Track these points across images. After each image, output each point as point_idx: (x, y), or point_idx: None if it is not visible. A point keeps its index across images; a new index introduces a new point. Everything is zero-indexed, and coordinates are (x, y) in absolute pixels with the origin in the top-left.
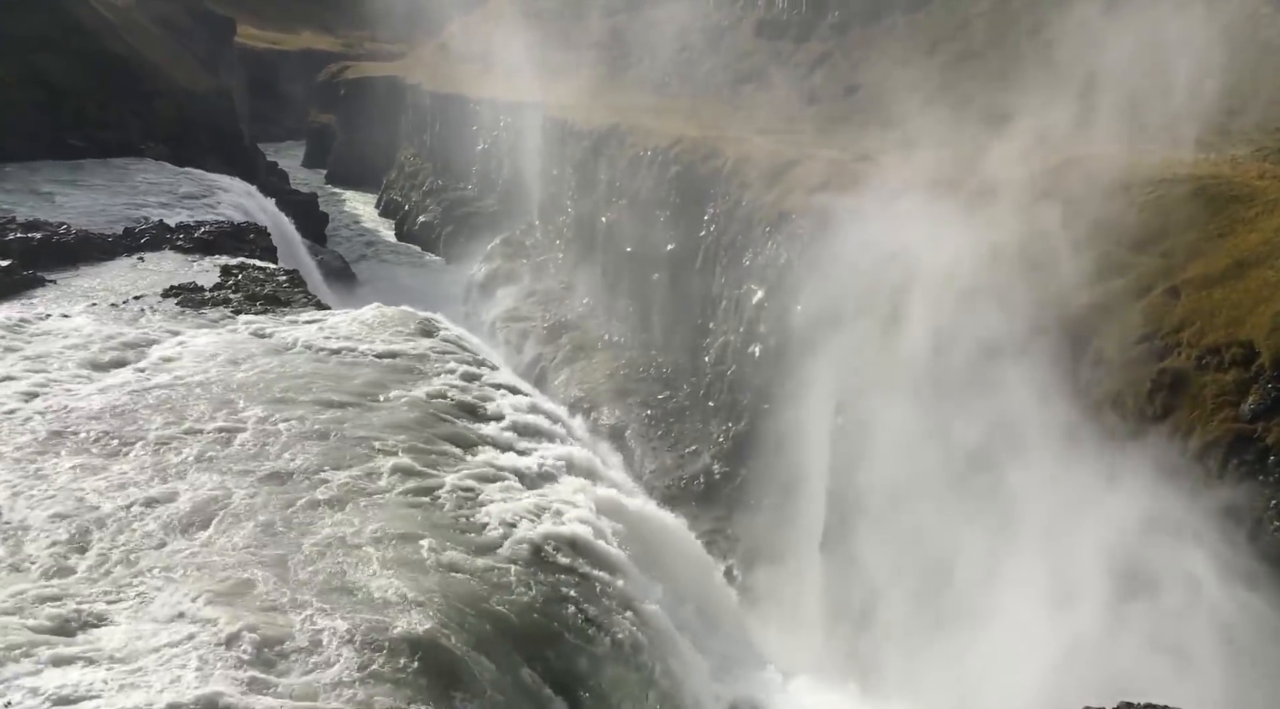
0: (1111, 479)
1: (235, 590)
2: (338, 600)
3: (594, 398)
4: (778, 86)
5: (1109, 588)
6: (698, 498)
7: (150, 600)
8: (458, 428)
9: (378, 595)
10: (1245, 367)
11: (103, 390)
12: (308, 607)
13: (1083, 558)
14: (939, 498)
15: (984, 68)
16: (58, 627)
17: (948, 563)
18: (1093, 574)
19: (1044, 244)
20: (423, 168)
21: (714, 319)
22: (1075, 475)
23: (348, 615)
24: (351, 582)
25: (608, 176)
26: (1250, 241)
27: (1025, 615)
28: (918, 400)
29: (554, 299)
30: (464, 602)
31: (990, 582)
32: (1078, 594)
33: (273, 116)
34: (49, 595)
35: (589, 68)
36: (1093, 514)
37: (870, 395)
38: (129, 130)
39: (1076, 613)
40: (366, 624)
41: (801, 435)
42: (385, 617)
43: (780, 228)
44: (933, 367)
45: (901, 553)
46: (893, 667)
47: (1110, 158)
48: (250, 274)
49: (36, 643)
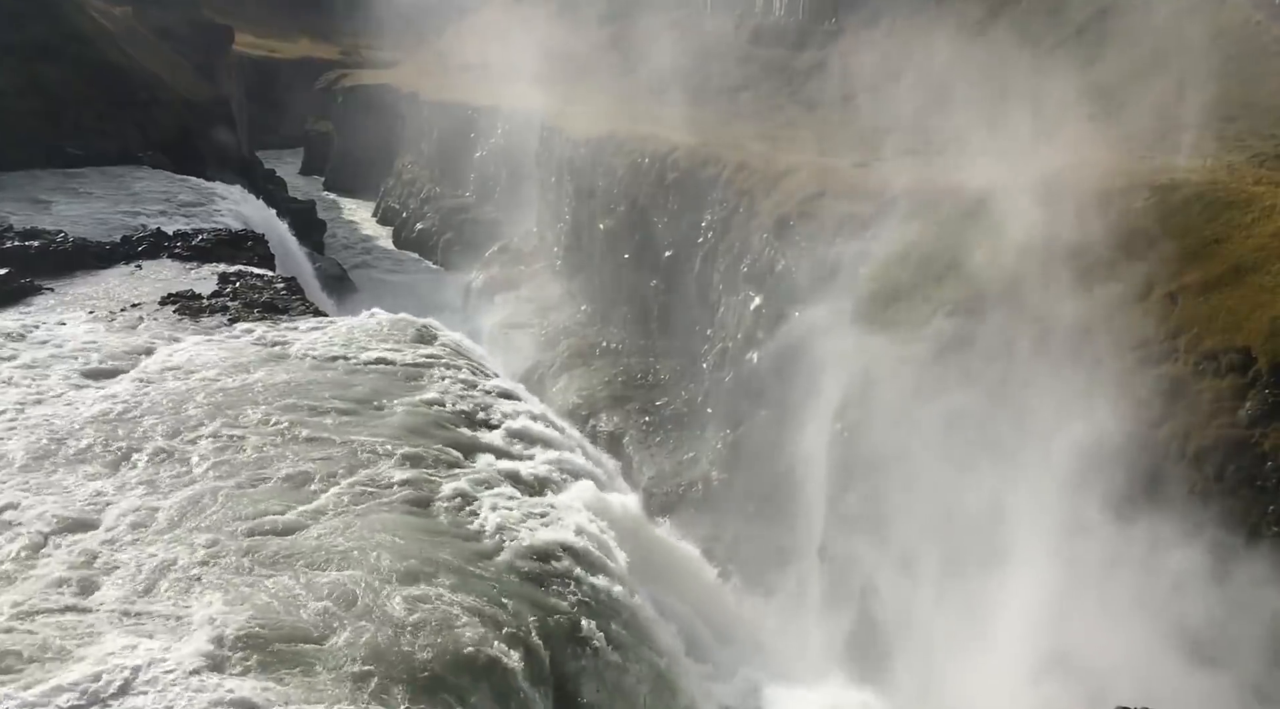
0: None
1: (236, 597)
2: (338, 606)
3: (592, 404)
4: (775, 93)
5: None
6: (696, 504)
7: (150, 606)
8: (456, 434)
9: (377, 600)
10: (1242, 372)
11: (101, 398)
12: (309, 612)
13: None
14: (939, 504)
15: (984, 74)
16: (55, 638)
17: (948, 568)
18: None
19: (1040, 249)
20: (420, 175)
21: (712, 325)
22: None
23: (348, 620)
24: (352, 587)
25: (605, 183)
26: (1247, 247)
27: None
28: (917, 406)
29: (552, 306)
30: (462, 606)
31: (991, 595)
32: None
33: (270, 124)
34: (44, 608)
35: (586, 75)
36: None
37: (870, 401)
38: (127, 139)
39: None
40: (365, 629)
41: (800, 441)
42: (385, 621)
43: (778, 234)
44: (931, 372)
45: (902, 558)
46: (890, 669)
47: (1107, 164)
48: (248, 282)
49: (30, 656)
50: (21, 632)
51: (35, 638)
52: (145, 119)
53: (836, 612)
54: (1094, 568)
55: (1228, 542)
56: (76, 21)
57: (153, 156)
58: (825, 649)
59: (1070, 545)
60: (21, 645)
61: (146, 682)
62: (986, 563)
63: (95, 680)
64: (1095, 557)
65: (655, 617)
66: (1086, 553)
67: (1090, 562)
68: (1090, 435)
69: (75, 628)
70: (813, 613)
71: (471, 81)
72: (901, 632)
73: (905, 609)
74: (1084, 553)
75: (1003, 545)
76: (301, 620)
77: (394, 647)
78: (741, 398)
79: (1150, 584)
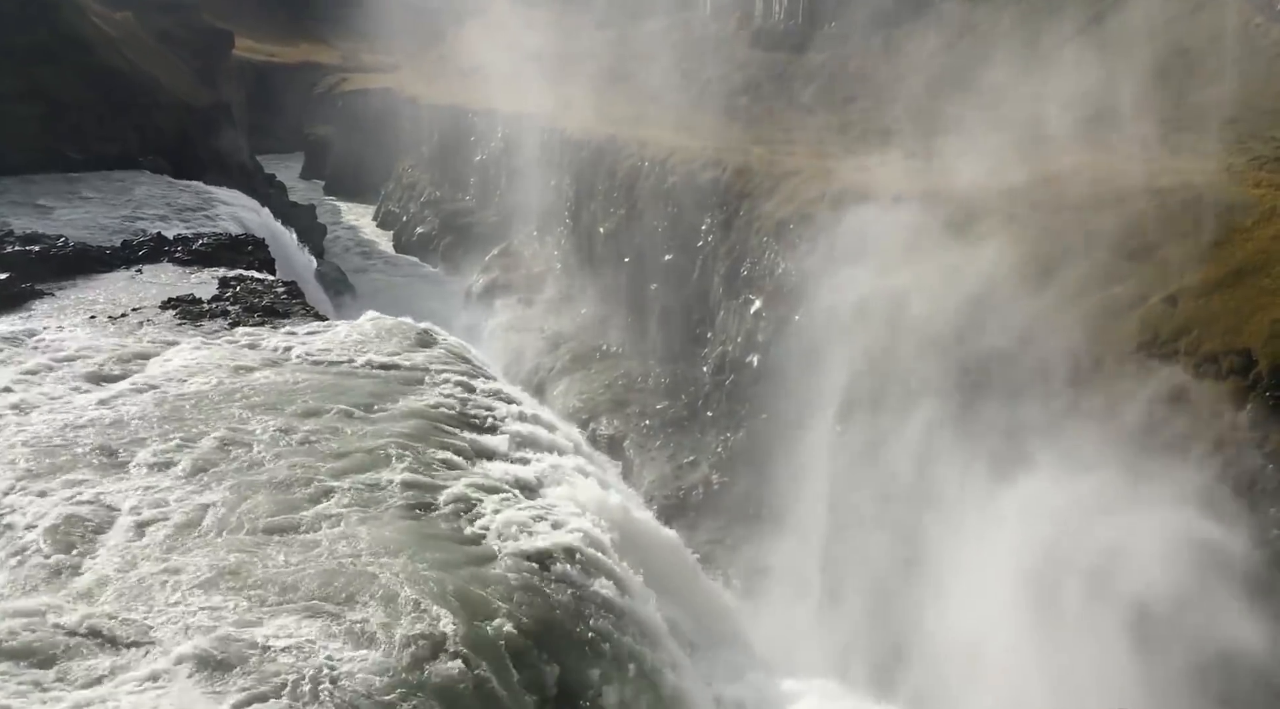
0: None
1: (232, 601)
2: (337, 612)
3: (592, 408)
4: (775, 97)
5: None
6: (696, 508)
7: (148, 612)
8: (457, 438)
9: (377, 607)
10: (1243, 374)
11: (101, 403)
12: (306, 617)
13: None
14: (941, 505)
15: (984, 77)
16: (46, 646)
17: (949, 569)
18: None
19: (1041, 253)
20: (420, 179)
21: (712, 329)
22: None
23: (346, 627)
24: (352, 593)
25: (606, 187)
26: (1247, 250)
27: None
28: (918, 409)
29: (552, 310)
30: (462, 612)
31: (993, 591)
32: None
33: (271, 129)
34: (38, 610)
35: (587, 79)
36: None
37: (871, 405)
38: (127, 143)
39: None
40: (363, 635)
41: (801, 445)
42: (384, 629)
43: (778, 237)
44: (932, 374)
45: (902, 562)
46: (891, 671)
47: (1106, 167)
48: (248, 286)
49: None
50: (13, 632)
51: (21, 639)
52: (145, 124)
53: (838, 613)
54: (1093, 571)
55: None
56: (77, 26)
57: (153, 161)
58: (826, 651)
59: (1068, 551)
60: (13, 645)
61: (136, 683)
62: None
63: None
64: (1094, 561)
65: (658, 620)
66: (1083, 558)
67: (1091, 566)
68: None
69: (66, 632)
70: (814, 615)
71: (471, 85)
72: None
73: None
74: (1080, 557)
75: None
76: (300, 625)
77: (390, 652)
78: (742, 402)
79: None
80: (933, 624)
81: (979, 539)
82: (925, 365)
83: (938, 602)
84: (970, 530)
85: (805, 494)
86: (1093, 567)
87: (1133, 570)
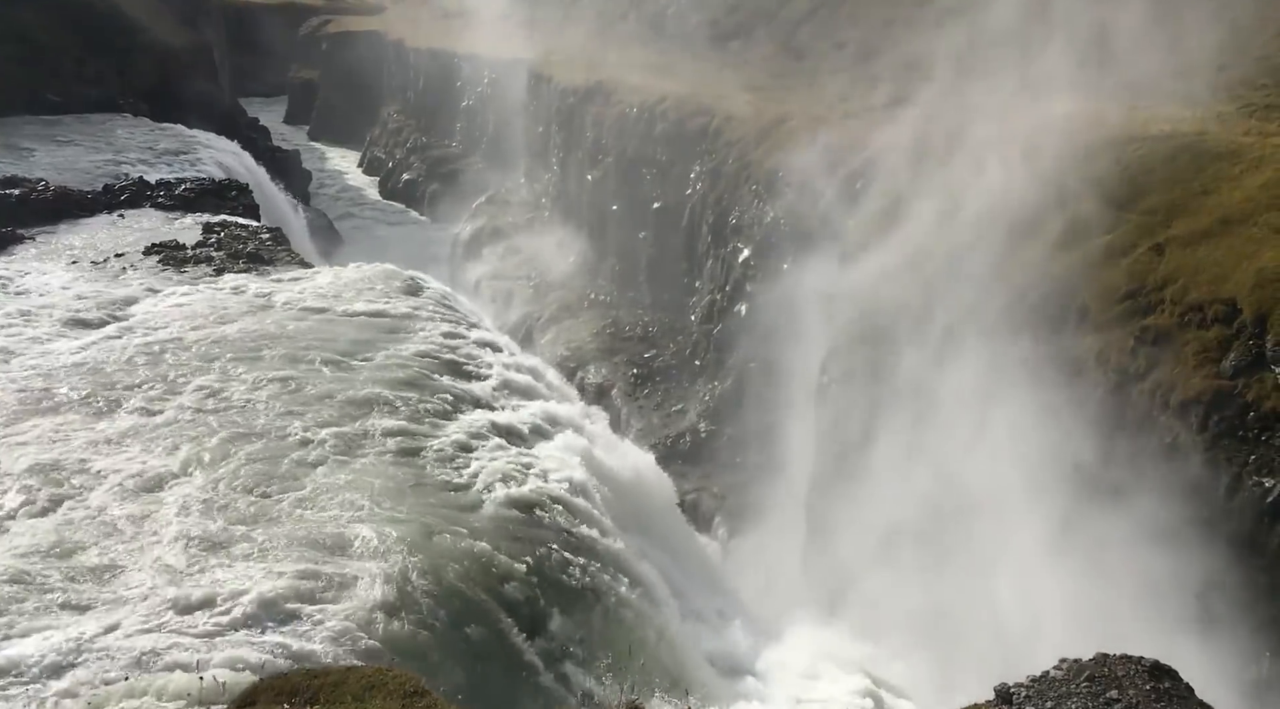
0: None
1: (217, 545)
2: (324, 558)
3: (580, 357)
4: (765, 42)
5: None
6: (684, 456)
7: (129, 555)
8: (444, 386)
9: (363, 554)
10: (1227, 323)
11: (84, 348)
12: (292, 563)
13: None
14: (925, 454)
15: (975, 23)
16: (25, 588)
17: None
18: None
19: (1028, 200)
20: (406, 124)
21: (700, 277)
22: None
23: (334, 572)
24: (339, 541)
25: (593, 134)
26: (1234, 199)
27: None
28: (902, 355)
29: (540, 258)
30: (450, 558)
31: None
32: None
33: (254, 72)
34: (24, 565)
35: (574, 23)
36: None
37: (856, 351)
38: (108, 86)
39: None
40: (351, 582)
41: (787, 392)
42: (370, 575)
43: (767, 186)
44: (918, 320)
45: (887, 503)
46: (874, 610)
47: (1095, 114)
48: (233, 232)
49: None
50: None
51: (13, 589)
52: (125, 66)
53: (822, 558)
54: (1078, 518)
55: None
56: None
57: (133, 104)
58: (810, 593)
59: (1055, 495)
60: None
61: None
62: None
63: (61, 634)
64: (1080, 507)
65: (645, 567)
66: (1071, 502)
67: (1075, 511)
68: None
69: (57, 578)
70: (798, 560)
71: (459, 28)
72: (888, 582)
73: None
74: (1068, 502)
75: (989, 497)
76: (285, 570)
77: (377, 601)
78: (730, 350)
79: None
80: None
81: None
82: (912, 309)
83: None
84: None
85: (792, 440)
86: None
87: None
